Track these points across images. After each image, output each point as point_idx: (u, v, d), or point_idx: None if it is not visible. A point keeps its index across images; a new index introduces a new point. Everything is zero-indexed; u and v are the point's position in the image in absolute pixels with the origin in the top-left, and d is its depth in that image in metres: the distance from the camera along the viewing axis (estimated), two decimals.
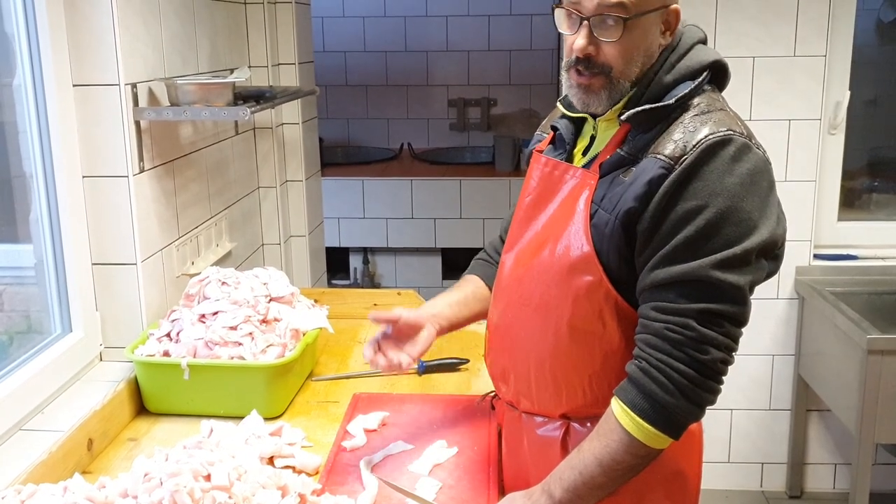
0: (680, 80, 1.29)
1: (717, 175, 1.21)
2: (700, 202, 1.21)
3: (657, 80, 1.30)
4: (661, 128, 1.27)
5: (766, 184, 1.25)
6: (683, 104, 1.28)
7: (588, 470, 1.26)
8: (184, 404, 1.74)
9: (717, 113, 1.27)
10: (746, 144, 1.24)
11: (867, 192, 3.23)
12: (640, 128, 1.30)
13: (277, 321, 1.81)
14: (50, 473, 1.43)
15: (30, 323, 1.90)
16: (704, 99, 1.29)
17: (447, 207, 4.12)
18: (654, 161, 1.24)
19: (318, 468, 1.54)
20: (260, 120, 2.64)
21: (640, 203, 1.24)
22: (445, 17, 4.60)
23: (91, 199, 1.82)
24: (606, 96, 1.31)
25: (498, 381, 1.51)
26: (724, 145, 1.22)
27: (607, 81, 1.29)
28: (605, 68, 1.29)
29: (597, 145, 1.38)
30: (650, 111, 1.28)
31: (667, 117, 1.28)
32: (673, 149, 1.23)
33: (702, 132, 1.23)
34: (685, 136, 1.23)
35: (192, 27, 2.15)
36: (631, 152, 1.29)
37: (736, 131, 1.24)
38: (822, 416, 3.07)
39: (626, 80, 1.30)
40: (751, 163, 1.23)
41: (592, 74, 1.30)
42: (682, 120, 1.26)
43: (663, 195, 1.22)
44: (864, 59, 2.95)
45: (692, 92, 1.28)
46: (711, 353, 1.22)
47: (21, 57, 1.70)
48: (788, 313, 2.98)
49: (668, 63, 1.30)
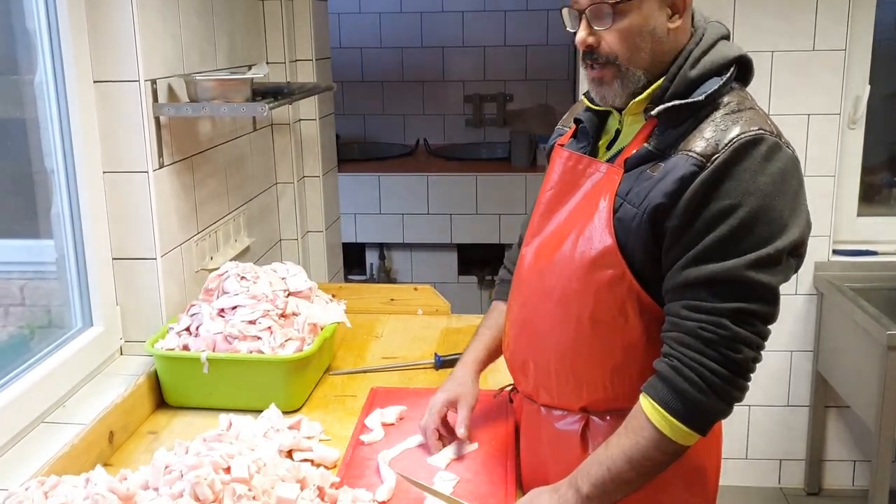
0: (706, 75, 1.29)
1: (749, 174, 1.21)
2: (733, 201, 1.21)
3: (682, 75, 1.29)
4: (690, 124, 1.27)
5: (795, 183, 1.25)
6: (713, 101, 1.28)
7: (616, 466, 1.26)
8: (203, 398, 1.76)
9: (747, 112, 1.27)
10: (777, 144, 1.24)
11: (887, 187, 3.20)
12: (669, 123, 1.29)
13: (296, 315, 1.82)
14: (72, 465, 1.45)
15: (51, 317, 1.92)
16: (735, 97, 1.29)
17: (463, 203, 4.12)
18: (685, 158, 1.24)
19: (337, 461, 1.55)
20: (277, 116, 2.65)
21: (670, 199, 1.24)
22: (461, 12, 4.60)
23: (111, 194, 1.84)
24: (620, 86, 1.32)
25: (517, 374, 1.52)
26: (755, 144, 1.22)
27: (617, 71, 1.31)
28: (611, 57, 1.30)
29: (622, 139, 1.38)
30: (680, 107, 1.28)
31: (696, 114, 1.28)
32: (704, 146, 1.23)
33: (734, 131, 1.23)
34: (717, 134, 1.24)
35: (210, 24, 2.16)
36: (659, 147, 1.29)
37: (767, 130, 1.24)
38: (841, 413, 3.05)
39: (635, 67, 1.30)
40: (781, 162, 1.23)
41: (601, 66, 1.31)
42: (713, 118, 1.26)
43: (695, 193, 1.22)
44: (885, 53, 2.92)
45: (720, 89, 1.28)
46: (744, 351, 1.22)
47: (42, 53, 1.71)
48: (807, 309, 2.97)
49: (693, 58, 1.30)
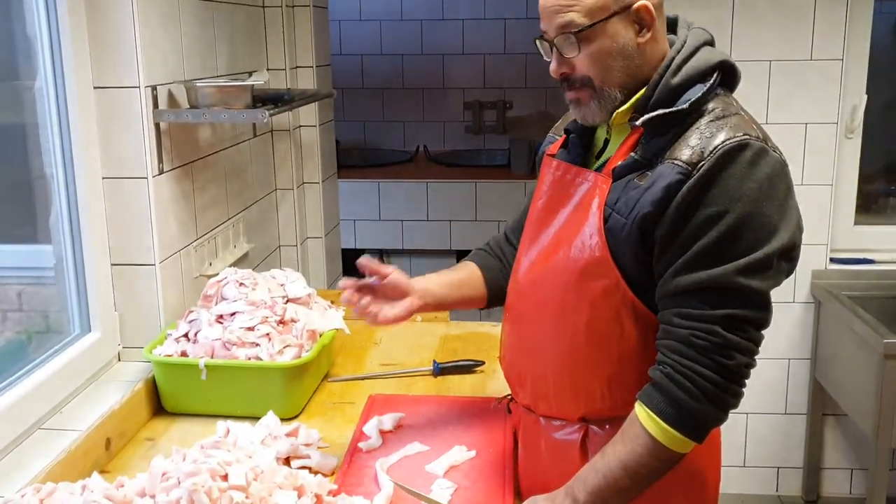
0: (689, 82, 1.29)
1: (735, 181, 1.21)
2: (720, 208, 1.21)
3: (664, 83, 1.29)
4: (675, 132, 1.28)
5: (783, 187, 1.25)
6: (698, 108, 1.28)
7: (613, 474, 1.26)
8: (201, 404, 1.76)
9: (732, 117, 1.27)
10: (763, 148, 1.24)
11: (884, 195, 3.21)
12: (654, 132, 1.30)
13: (294, 322, 1.82)
14: (69, 472, 1.44)
15: (49, 323, 1.92)
16: (719, 103, 1.29)
17: (462, 210, 4.12)
18: (671, 166, 1.24)
19: (335, 469, 1.55)
20: (277, 122, 2.65)
21: (658, 208, 1.24)
22: (462, 20, 4.61)
23: (111, 200, 1.84)
24: (597, 106, 1.33)
25: (515, 385, 1.52)
26: (741, 150, 1.22)
27: (593, 92, 1.32)
28: (585, 80, 1.31)
29: (610, 148, 1.39)
30: (664, 116, 1.28)
31: (681, 121, 1.28)
32: (690, 154, 1.23)
33: (718, 137, 1.23)
34: (702, 141, 1.24)
35: (211, 30, 2.17)
36: (645, 156, 1.29)
37: (752, 135, 1.24)
38: (839, 421, 3.05)
39: (610, 86, 1.31)
40: (768, 167, 1.23)
41: (577, 89, 1.33)
42: (698, 125, 1.26)
43: (682, 201, 1.22)
44: (881, 63, 2.94)
45: (705, 95, 1.29)
46: (737, 358, 1.22)
47: (43, 59, 1.72)
48: (804, 317, 2.97)
49: (675, 65, 1.30)
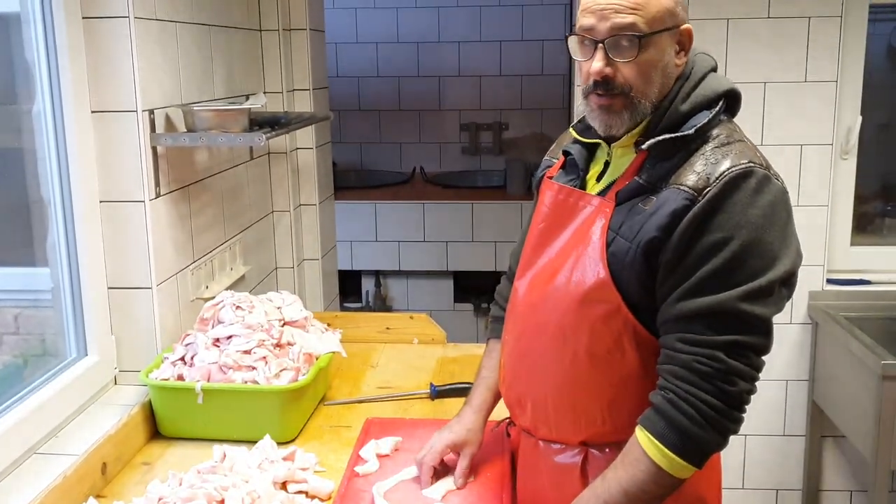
0: (696, 109, 1.31)
1: (740, 207, 1.22)
2: (725, 234, 1.22)
3: (673, 109, 1.31)
4: (681, 157, 1.29)
5: (785, 214, 1.27)
6: (703, 135, 1.29)
7: (613, 498, 1.26)
8: (198, 428, 1.75)
9: (737, 144, 1.28)
10: (767, 176, 1.25)
11: (880, 216, 3.21)
12: (659, 156, 1.30)
13: (291, 345, 1.82)
14: (64, 497, 1.44)
15: (45, 346, 1.91)
16: (724, 130, 1.31)
17: (459, 231, 4.13)
18: (676, 192, 1.25)
19: (331, 493, 1.54)
20: (274, 145, 2.66)
21: (663, 233, 1.25)
22: (458, 42, 4.63)
23: (108, 223, 1.84)
24: (628, 116, 1.32)
25: (514, 409, 1.51)
26: (746, 178, 1.23)
27: (628, 101, 1.31)
28: (625, 88, 1.30)
29: (612, 172, 1.39)
30: (670, 140, 1.29)
31: (686, 147, 1.29)
32: (696, 180, 1.24)
33: (724, 164, 1.24)
34: (707, 167, 1.25)
35: (208, 54, 2.18)
36: (650, 181, 1.30)
37: (756, 163, 1.25)
38: (837, 442, 3.04)
39: (646, 100, 1.31)
40: (771, 194, 1.25)
41: (613, 95, 1.31)
42: (703, 151, 1.28)
43: (687, 227, 1.23)
44: (876, 84, 2.95)
45: (710, 122, 1.30)
46: (739, 384, 1.22)
47: (41, 83, 1.72)
48: (802, 338, 2.96)
49: (683, 92, 1.32)
